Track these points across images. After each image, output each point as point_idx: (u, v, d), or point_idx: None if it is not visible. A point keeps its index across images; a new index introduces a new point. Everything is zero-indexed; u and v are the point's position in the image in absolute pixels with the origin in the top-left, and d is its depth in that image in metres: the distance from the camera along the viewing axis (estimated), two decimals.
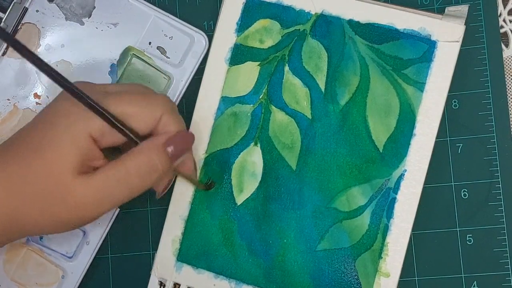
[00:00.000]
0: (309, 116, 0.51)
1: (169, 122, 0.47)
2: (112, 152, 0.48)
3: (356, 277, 0.50)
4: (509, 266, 0.51)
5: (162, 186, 0.50)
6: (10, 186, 0.44)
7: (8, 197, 0.44)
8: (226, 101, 0.53)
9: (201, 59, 0.54)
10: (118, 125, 0.45)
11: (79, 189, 0.44)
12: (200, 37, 0.54)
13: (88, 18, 0.56)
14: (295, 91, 0.52)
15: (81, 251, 0.54)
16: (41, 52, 0.55)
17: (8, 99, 0.55)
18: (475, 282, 0.51)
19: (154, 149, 0.46)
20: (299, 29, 0.52)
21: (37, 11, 0.55)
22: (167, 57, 0.55)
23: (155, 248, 0.53)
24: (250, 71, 0.52)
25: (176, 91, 0.54)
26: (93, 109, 0.43)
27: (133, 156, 0.45)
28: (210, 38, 0.54)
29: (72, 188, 0.44)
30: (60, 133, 0.44)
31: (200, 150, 0.53)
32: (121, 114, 0.45)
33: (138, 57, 0.55)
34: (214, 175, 0.52)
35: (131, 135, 0.45)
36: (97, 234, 0.54)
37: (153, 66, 0.55)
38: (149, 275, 0.53)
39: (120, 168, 0.45)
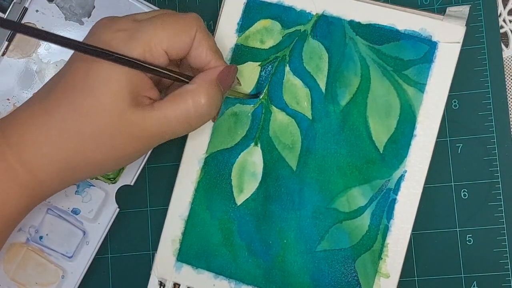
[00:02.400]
0: (310, 117, 0.51)
1: (202, 39, 0.46)
2: None
3: (356, 277, 0.50)
4: (509, 266, 0.51)
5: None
6: (64, 130, 0.44)
7: (65, 141, 0.44)
8: (226, 101, 0.53)
9: None
10: (166, 72, 0.45)
11: (139, 122, 0.44)
12: None
13: (88, 18, 0.55)
14: (296, 91, 0.52)
15: (81, 251, 0.54)
16: (41, 52, 0.55)
17: (8, 99, 0.55)
18: (475, 282, 0.51)
19: (211, 87, 0.46)
20: (300, 30, 0.52)
21: (36, 11, 0.55)
22: None
23: (155, 248, 0.53)
24: (250, 71, 0.52)
25: None
26: (135, 66, 0.44)
27: (191, 96, 0.45)
28: None
29: (132, 120, 0.44)
30: (104, 67, 0.43)
31: (201, 150, 0.53)
32: (159, 43, 0.45)
33: None
34: (214, 175, 0.52)
35: (179, 77, 0.46)
36: (97, 234, 0.54)
37: None
38: (149, 275, 0.53)
39: (181, 106, 0.45)
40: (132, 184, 0.54)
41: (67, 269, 0.54)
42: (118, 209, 0.54)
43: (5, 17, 0.54)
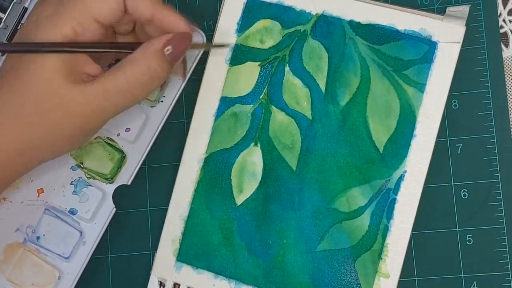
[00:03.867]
0: (310, 117, 0.51)
1: None
2: None
3: (356, 277, 0.50)
4: (509, 266, 0.51)
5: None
6: (6, 112, 0.44)
7: (9, 124, 0.44)
8: (226, 101, 0.53)
9: (198, 58, 0.54)
10: (98, 48, 0.45)
11: (78, 98, 0.43)
12: (199, 37, 0.54)
13: None
14: (296, 91, 0.52)
15: (78, 251, 0.54)
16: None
17: None
18: (474, 282, 0.51)
19: (153, 56, 0.45)
20: (300, 30, 0.52)
21: None
22: None
23: (154, 248, 0.53)
24: (250, 71, 0.52)
25: (174, 92, 0.54)
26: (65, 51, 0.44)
27: (131, 66, 0.44)
28: (210, 38, 0.54)
29: (70, 97, 0.43)
30: (35, 54, 0.44)
31: (200, 150, 0.53)
32: (85, 11, 0.44)
33: None
34: (214, 175, 0.52)
35: (118, 50, 0.45)
36: (93, 234, 0.54)
37: None
38: (149, 275, 0.53)
39: (120, 77, 0.44)
40: (129, 183, 0.54)
41: (64, 269, 0.54)
42: (115, 209, 0.54)
43: (5, 17, 0.54)
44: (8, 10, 0.55)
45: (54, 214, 0.54)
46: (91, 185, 0.54)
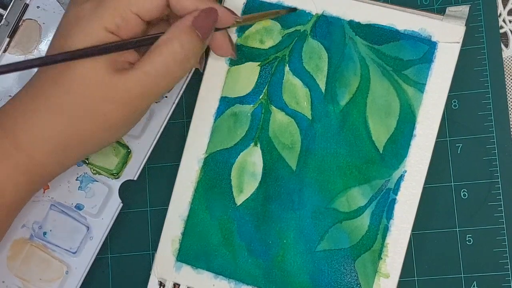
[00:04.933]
0: (309, 117, 0.51)
1: None
2: None
3: (355, 277, 0.50)
4: (509, 266, 0.51)
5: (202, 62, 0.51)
6: (50, 106, 0.45)
7: (53, 117, 0.45)
8: (226, 101, 0.53)
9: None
10: (132, 41, 0.45)
11: (121, 85, 0.44)
12: None
13: None
14: (295, 91, 0.52)
15: (85, 246, 0.54)
16: (42, 48, 0.56)
17: (10, 96, 0.55)
18: (474, 282, 0.51)
19: (184, 33, 0.45)
20: (300, 30, 0.52)
21: (38, 7, 0.56)
22: None
23: (155, 248, 0.53)
24: (250, 71, 0.52)
25: (178, 87, 0.54)
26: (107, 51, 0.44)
27: (165, 46, 0.45)
28: None
29: (114, 84, 0.44)
30: (77, 43, 0.44)
31: (200, 150, 0.53)
32: (127, 5, 0.45)
33: None
34: (214, 175, 0.52)
35: (149, 37, 0.46)
36: (100, 229, 0.54)
37: None
38: (149, 275, 0.53)
39: (157, 59, 0.45)
40: (135, 179, 0.54)
41: (71, 264, 0.54)
42: (121, 204, 0.54)
43: (6, 13, 0.54)
44: (9, 7, 0.55)
45: (60, 209, 0.54)
46: (96, 181, 0.54)
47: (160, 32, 0.46)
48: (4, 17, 0.55)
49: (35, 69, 0.47)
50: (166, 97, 0.54)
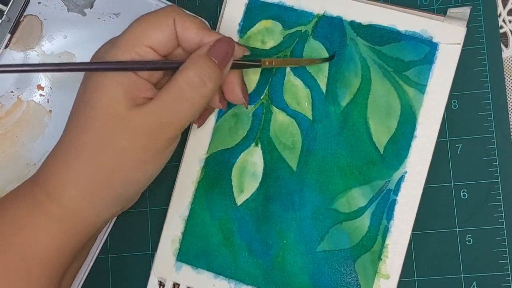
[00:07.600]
0: (310, 117, 0.51)
1: (185, 22, 0.46)
2: None
3: (355, 278, 0.50)
4: (509, 267, 0.51)
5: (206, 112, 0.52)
6: (72, 146, 0.45)
7: (76, 157, 0.44)
8: (227, 102, 0.52)
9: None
10: (148, 66, 0.45)
11: (137, 116, 0.44)
12: None
13: (90, 8, 0.56)
14: (296, 92, 0.52)
15: None
16: (43, 44, 0.56)
17: (12, 91, 0.55)
18: (474, 282, 0.51)
19: (200, 60, 0.45)
20: (301, 30, 0.52)
21: (39, 2, 0.56)
22: None
23: (155, 248, 0.53)
24: (251, 71, 0.52)
25: None
26: (116, 69, 0.44)
27: (181, 73, 0.45)
28: None
29: (131, 116, 0.44)
30: (96, 79, 0.45)
31: (201, 150, 0.53)
32: (140, 39, 0.45)
33: None
34: (215, 175, 0.52)
35: (171, 66, 0.46)
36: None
37: None
38: (148, 275, 0.53)
39: (173, 87, 0.45)
40: None
41: None
42: None
43: (7, 9, 0.54)
44: (11, 3, 0.55)
45: None
46: None
47: (179, 60, 0.46)
48: (5, 13, 0.55)
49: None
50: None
